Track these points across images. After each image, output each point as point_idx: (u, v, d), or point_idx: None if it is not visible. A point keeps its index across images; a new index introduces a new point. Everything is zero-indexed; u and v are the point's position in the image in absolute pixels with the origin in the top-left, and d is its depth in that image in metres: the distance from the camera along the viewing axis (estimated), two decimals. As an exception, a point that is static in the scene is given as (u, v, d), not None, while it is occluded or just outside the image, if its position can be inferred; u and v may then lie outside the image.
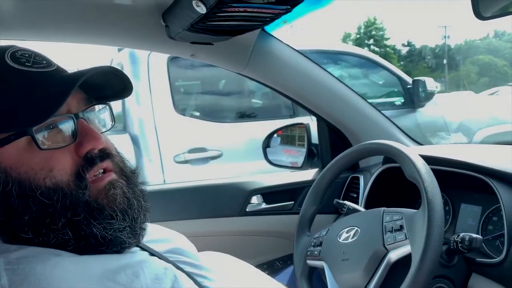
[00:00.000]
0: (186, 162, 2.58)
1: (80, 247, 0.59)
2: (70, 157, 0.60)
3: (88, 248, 0.59)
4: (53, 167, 0.58)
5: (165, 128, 2.61)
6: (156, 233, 0.75)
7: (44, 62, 0.63)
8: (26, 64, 0.61)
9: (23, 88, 0.59)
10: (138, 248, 0.68)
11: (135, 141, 2.58)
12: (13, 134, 0.57)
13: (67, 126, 0.61)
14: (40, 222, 0.57)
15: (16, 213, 0.57)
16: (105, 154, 0.63)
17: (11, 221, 0.57)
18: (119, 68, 2.68)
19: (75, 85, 0.58)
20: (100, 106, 0.68)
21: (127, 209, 0.62)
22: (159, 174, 2.54)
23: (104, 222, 0.59)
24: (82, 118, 0.62)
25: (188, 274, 0.68)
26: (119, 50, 2.92)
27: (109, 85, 0.66)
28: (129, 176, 0.67)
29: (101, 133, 0.65)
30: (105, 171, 0.63)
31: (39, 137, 0.58)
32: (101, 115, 0.69)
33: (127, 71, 2.69)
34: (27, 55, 0.62)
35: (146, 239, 0.70)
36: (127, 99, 2.68)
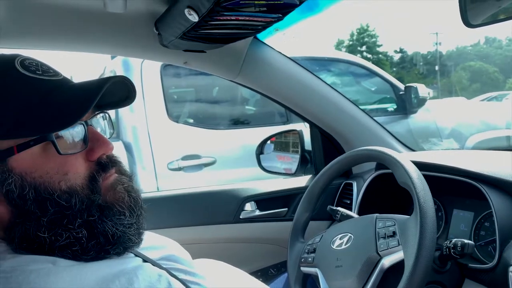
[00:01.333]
0: (179, 169, 2.57)
1: (89, 247, 0.60)
2: (83, 161, 0.62)
3: (96, 247, 0.60)
4: (68, 171, 0.60)
5: (158, 135, 2.60)
6: (150, 240, 0.75)
7: (51, 71, 0.64)
8: (37, 72, 0.62)
9: (41, 95, 0.60)
10: (132, 255, 0.67)
11: (128, 148, 2.57)
12: (32, 140, 0.58)
13: (79, 133, 0.63)
14: (58, 223, 0.59)
15: (33, 216, 0.58)
16: (114, 160, 0.67)
17: (26, 223, 0.58)
18: (111, 75, 2.66)
19: (99, 93, 0.60)
20: (101, 114, 0.70)
21: (133, 206, 0.64)
22: (152, 181, 2.52)
23: (114, 219, 0.62)
24: (90, 125, 0.65)
25: (182, 281, 0.68)
26: (112, 57, 2.92)
27: (113, 93, 0.68)
28: (130, 179, 0.69)
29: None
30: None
31: (58, 142, 0.60)
32: (101, 123, 0.70)
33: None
34: (34, 64, 0.63)
35: (140, 246, 0.70)
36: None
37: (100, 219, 0.61)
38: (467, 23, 0.74)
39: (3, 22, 0.91)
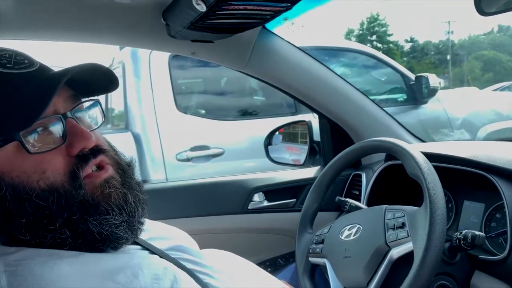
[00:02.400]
0: (188, 160, 2.58)
1: (78, 245, 0.58)
2: (62, 157, 0.59)
3: (85, 245, 0.59)
4: (45, 169, 0.58)
5: (167, 126, 2.61)
6: (158, 231, 0.76)
7: (26, 61, 0.61)
8: (7, 65, 0.59)
9: (4, 92, 0.58)
10: (138, 247, 0.68)
11: (137, 139, 2.58)
12: (0, 140, 0.56)
13: (56, 127, 0.60)
14: (37, 224, 0.57)
15: (13, 216, 0.57)
16: (97, 150, 0.63)
17: (8, 224, 0.57)
18: (120, 67, 2.67)
19: (56, 88, 0.57)
20: (89, 102, 0.67)
21: (123, 204, 0.62)
22: (161, 172, 2.54)
23: (100, 218, 0.59)
24: (70, 117, 0.61)
25: (190, 272, 0.68)
26: (121, 49, 2.92)
27: (95, 80, 0.65)
28: (125, 169, 0.66)
29: (91, 130, 0.64)
30: (100, 166, 0.63)
31: (29, 140, 0.57)
32: (90, 112, 0.67)
33: (129, 70, 2.69)
34: (7, 56, 0.60)
35: (148, 236, 0.70)
36: (129, 98, 2.69)
37: (82, 218, 0.58)
38: (481, 10, 0.73)
39: (12, 14, 0.91)
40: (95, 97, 0.68)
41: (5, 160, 0.57)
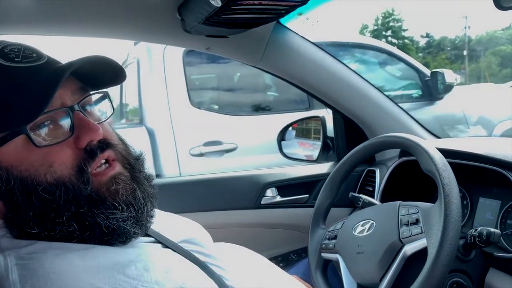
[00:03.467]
0: (201, 155, 2.60)
1: (85, 238, 0.59)
2: (70, 151, 0.59)
3: (93, 238, 0.59)
4: (52, 163, 0.58)
5: (180, 122, 2.63)
6: (172, 222, 0.76)
7: (34, 55, 0.62)
8: (15, 59, 0.60)
9: (11, 86, 0.58)
10: (151, 239, 0.68)
11: (151, 134, 2.61)
12: (8, 134, 0.57)
13: (63, 120, 0.60)
14: (45, 217, 0.57)
15: (21, 210, 0.58)
16: (105, 144, 0.62)
17: (17, 217, 0.58)
18: (135, 62, 2.69)
19: (60, 80, 0.57)
20: (98, 95, 0.67)
21: (131, 200, 0.62)
22: (174, 167, 2.56)
23: (106, 212, 0.59)
24: (78, 110, 0.61)
25: (203, 264, 0.69)
26: (135, 44, 2.95)
27: (103, 72, 0.65)
28: (133, 163, 0.66)
29: (100, 123, 0.64)
30: (108, 161, 0.63)
31: (37, 134, 0.58)
32: (99, 105, 0.67)
33: (144, 65, 2.72)
34: (16, 50, 0.61)
35: (161, 228, 0.70)
36: (143, 93, 2.71)
37: (90, 211, 0.58)
38: (499, 4, 0.71)
39: (28, 9, 0.92)
40: (104, 90, 0.68)
41: (13, 153, 0.58)
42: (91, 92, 0.66)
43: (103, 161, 0.62)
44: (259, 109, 2.96)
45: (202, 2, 0.82)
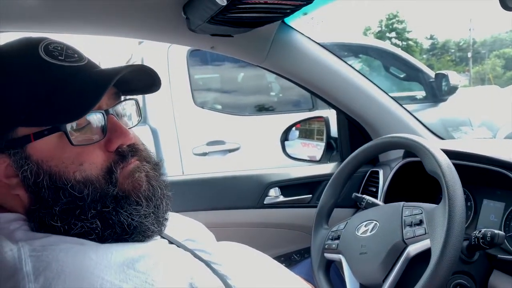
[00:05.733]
0: (204, 154, 2.60)
1: (105, 235, 0.60)
2: (101, 152, 0.62)
3: (113, 236, 0.60)
4: (83, 162, 0.59)
5: (184, 121, 2.63)
6: (176, 222, 0.76)
7: (76, 56, 0.64)
8: (59, 58, 0.61)
9: (57, 83, 0.60)
10: (158, 237, 0.69)
11: (154, 133, 2.62)
12: (46, 129, 0.58)
13: (98, 122, 0.62)
14: (70, 213, 0.59)
15: (47, 204, 0.59)
16: (134, 149, 0.65)
17: (41, 210, 0.59)
18: (139, 61, 2.69)
19: (109, 84, 0.59)
20: (128, 101, 0.69)
21: (151, 196, 0.63)
22: (178, 166, 2.56)
23: (130, 209, 0.61)
24: (112, 114, 0.64)
25: (206, 263, 0.69)
26: (140, 43, 2.95)
27: (138, 79, 0.67)
28: (153, 167, 0.68)
29: (130, 128, 0.66)
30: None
31: (72, 133, 0.59)
32: (128, 110, 0.70)
33: (148, 65, 2.72)
34: (59, 48, 0.62)
35: (166, 227, 0.71)
36: (147, 92, 2.71)
37: (115, 210, 0.60)
38: (505, 5, 0.71)
39: (35, 5, 0.92)
40: (134, 96, 0.71)
41: (46, 148, 0.59)
42: (125, 98, 0.68)
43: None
44: (262, 109, 2.96)
45: (207, 1, 0.83)
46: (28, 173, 0.59)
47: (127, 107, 0.70)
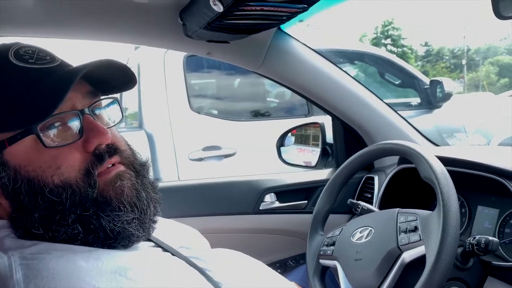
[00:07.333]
0: (200, 159, 2.60)
1: (89, 241, 0.59)
2: (79, 154, 0.60)
3: (97, 241, 0.59)
4: (60, 165, 0.58)
5: (180, 126, 2.63)
6: (170, 228, 0.76)
7: (48, 57, 0.63)
8: (29, 61, 0.61)
9: (24, 86, 0.59)
10: (151, 244, 0.68)
11: (150, 138, 2.61)
12: (19, 133, 0.57)
13: (73, 123, 0.61)
14: (50, 219, 0.58)
15: (26, 210, 0.58)
16: (113, 149, 0.63)
17: (22, 218, 0.58)
18: (135, 66, 2.69)
19: (72, 82, 0.58)
20: (108, 100, 0.68)
21: (136, 201, 0.62)
22: (173, 171, 2.56)
23: (112, 214, 0.59)
24: (88, 114, 0.62)
25: (201, 270, 0.69)
26: (136, 48, 2.95)
27: (114, 77, 0.66)
28: (139, 169, 0.66)
29: (108, 127, 0.64)
30: (113, 164, 0.63)
31: (46, 135, 0.58)
32: (109, 110, 0.68)
33: (144, 70, 2.72)
34: (30, 52, 0.62)
35: (160, 234, 0.71)
36: (143, 97, 2.71)
37: (95, 214, 0.59)
38: (499, 14, 0.72)
39: (29, 10, 0.92)
40: (114, 95, 0.69)
41: (22, 153, 0.58)
42: (102, 97, 0.66)
43: (110, 165, 0.63)
44: (258, 114, 2.97)
45: (204, 7, 0.83)
46: (6, 180, 0.58)
47: (107, 106, 0.68)
